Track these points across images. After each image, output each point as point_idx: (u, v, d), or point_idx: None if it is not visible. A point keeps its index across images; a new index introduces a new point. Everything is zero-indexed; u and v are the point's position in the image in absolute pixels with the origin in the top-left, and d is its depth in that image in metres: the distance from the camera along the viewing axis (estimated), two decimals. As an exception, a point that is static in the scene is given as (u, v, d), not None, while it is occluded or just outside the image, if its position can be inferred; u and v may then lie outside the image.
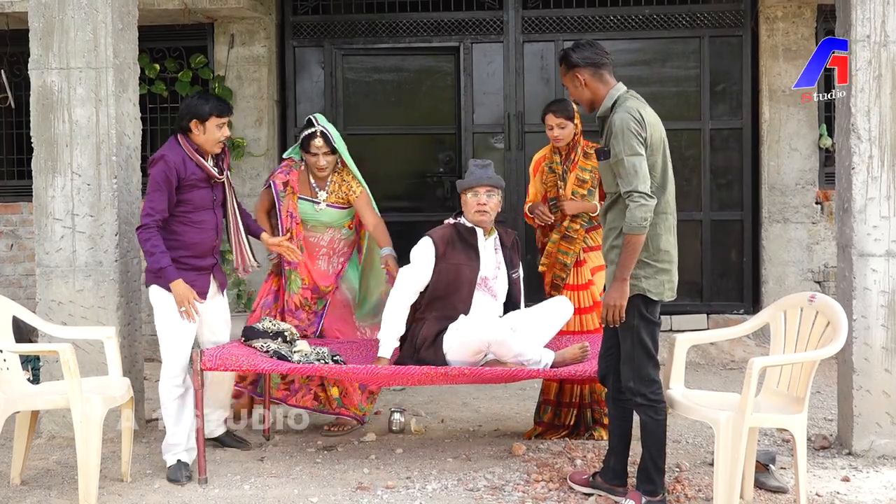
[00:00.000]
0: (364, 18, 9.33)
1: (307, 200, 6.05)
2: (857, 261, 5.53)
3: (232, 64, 9.14)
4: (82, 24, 5.89)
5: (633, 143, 4.37)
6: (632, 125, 4.38)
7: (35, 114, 5.99)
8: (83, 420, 4.84)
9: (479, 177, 5.53)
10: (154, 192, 5.20)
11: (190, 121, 5.29)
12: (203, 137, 5.32)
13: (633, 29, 9.16)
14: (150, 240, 5.16)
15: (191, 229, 5.33)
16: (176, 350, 5.30)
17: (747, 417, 4.40)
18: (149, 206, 5.20)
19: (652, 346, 4.50)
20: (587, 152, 6.03)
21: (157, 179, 5.20)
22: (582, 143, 6.07)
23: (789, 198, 8.88)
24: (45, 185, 5.96)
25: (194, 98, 5.40)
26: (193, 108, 5.31)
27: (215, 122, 5.31)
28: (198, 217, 5.36)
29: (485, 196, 5.49)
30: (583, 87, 4.63)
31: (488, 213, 5.50)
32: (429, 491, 5.05)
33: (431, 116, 9.51)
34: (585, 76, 4.61)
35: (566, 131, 5.99)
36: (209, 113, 5.29)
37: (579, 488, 4.94)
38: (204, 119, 5.28)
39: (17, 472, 5.27)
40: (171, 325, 5.29)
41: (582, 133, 6.12)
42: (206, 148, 5.35)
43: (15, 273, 9.37)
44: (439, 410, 6.83)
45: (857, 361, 5.51)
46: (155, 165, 5.22)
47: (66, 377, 4.83)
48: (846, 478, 5.18)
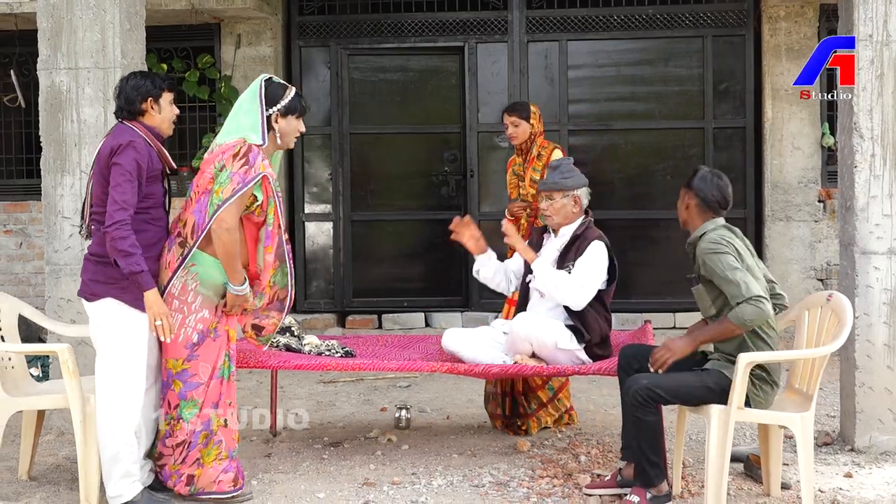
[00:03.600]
0: (369, 18, 9.39)
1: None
2: (859, 258, 5.55)
3: (238, 64, 9.19)
4: (90, 25, 5.93)
5: (729, 261, 4.50)
6: (720, 247, 4.52)
7: (44, 113, 6.04)
8: (83, 419, 4.84)
9: (542, 182, 5.67)
10: (125, 183, 4.49)
11: (143, 101, 4.68)
12: (159, 117, 4.74)
13: (636, 28, 9.21)
14: (128, 238, 4.45)
15: (152, 227, 4.69)
16: (135, 373, 4.63)
17: (733, 412, 4.45)
18: (121, 200, 4.47)
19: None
20: (540, 153, 6.24)
21: (128, 168, 4.51)
22: (539, 143, 6.29)
23: (792, 196, 8.93)
24: (53, 183, 6.00)
25: (135, 78, 4.77)
26: (142, 87, 4.69)
27: (168, 98, 4.77)
28: (157, 214, 4.73)
29: (545, 201, 5.56)
30: (684, 209, 4.81)
31: (549, 216, 5.55)
32: (434, 487, 5.08)
33: (436, 116, 9.57)
34: (692, 203, 4.75)
35: (520, 129, 6.25)
36: (161, 88, 4.75)
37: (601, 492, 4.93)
38: (157, 96, 4.72)
39: (26, 467, 5.30)
40: (131, 343, 4.62)
41: (541, 134, 6.32)
42: (163, 129, 4.78)
43: (24, 271, 9.44)
44: (445, 407, 6.86)
45: (859, 358, 5.53)
46: (123, 153, 4.53)
47: (65, 377, 4.83)
48: (849, 474, 5.20)
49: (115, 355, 4.63)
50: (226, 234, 4.57)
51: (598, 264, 5.39)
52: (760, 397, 4.59)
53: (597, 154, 9.34)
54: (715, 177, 4.78)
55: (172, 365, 4.73)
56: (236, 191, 4.55)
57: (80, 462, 4.85)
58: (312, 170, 9.49)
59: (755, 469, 5.12)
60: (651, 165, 9.26)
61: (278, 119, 4.83)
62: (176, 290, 4.68)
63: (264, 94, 4.81)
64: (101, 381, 4.66)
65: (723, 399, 4.50)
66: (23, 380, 5.27)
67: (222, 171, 4.62)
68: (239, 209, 4.63)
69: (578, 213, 5.55)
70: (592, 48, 9.40)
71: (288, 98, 4.86)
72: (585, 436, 5.98)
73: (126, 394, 4.63)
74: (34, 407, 5.19)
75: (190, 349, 4.72)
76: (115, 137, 4.64)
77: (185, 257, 4.66)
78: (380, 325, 9.24)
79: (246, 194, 4.62)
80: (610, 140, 9.43)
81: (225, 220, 4.56)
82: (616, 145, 9.44)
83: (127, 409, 4.63)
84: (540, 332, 5.32)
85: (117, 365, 4.62)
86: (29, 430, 5.28)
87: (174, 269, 4.67)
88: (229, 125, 4.82)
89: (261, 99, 4.79)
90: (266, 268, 4.79)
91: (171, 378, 4.74)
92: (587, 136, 9.34)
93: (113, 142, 4.61)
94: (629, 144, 9.42)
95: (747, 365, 4.43)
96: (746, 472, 5.22)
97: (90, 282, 4.67)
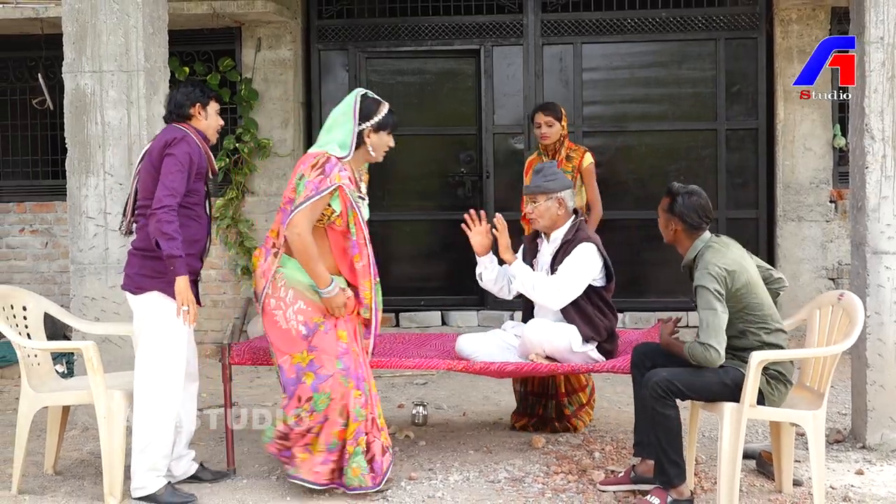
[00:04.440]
0: (387, 22, 9.47)
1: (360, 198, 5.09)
2: (870, 258, 5.60)
3: (259, 67, 9.28)
4: (114, 29, 6.02)
5: (707, 298, 4.55)
6: (709, 284, 4.56)
7: (69, 116, 6.14)
8: (107, 415, 4.93)
9: (526, 186, 5.70)
10: (177, 173, 4.73)
11: (191, 106, 4.96)
12: (206, 123, 5.01)
13: (649, 31, 9.26)
14: (174, 223, 4.65)
15: (195, 224, 4.90)
16: (177, 366, 4.85)
17: (746, 410, 4.50)
18: (171, 187, 4.71)
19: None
20: (569, 156, 6.36)
21: (181, 160, 4.76)
22: (567, 145, 6.41)
23: (804, 196, 8.97)
24: (78, 184, 6.11)
25: (185, 86, 5.06)
26: (192, 94, 4.98)
27: (214, 107, 5.05)
28: (199, 211, 4.95)
29: (530, 205, 5.61)
30: (671, 233, 4.86)
31: (535, 219, 5.59)
32: (451, 482, 5.14)
33: (453, 117, 9.64)
34: (678, 228, 4.80)
35: (553, 130, 6.37)
36: (209, 97, 5.03)
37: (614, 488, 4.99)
38: (205, 103, 5.00)
39: (51, 462, 5.40)
40: (174, 337, 4.83)
41: (567, 136, 6.44)
42: (209, 134, 5.03)
43: (50, 270, 9.55)
44: (461, 404, 6.94)
45: (870, 357, 5.58)
46: (177, 145, 4.78)
47: (90, 374, 4.93)
48: (860, 471, 5.24)
49: (158, 348, 4.81)
50: (297, 238, 4.73)
51: (582, 266, 5.41)
52: (774, 395, 4.65)
53: (611, 155, 9.40)
54: (693, 196, 4.78)
55: (299, 359, 4.86)
56: (309, 197, 4.73)
57: (105, 456, 4.94)
58: (330, 171, 9.56)
59: (767, 466, 5.17)
60: (664, 166, 9.31)
61: (370, 134, 4.97)
62: (270, 289, 4.85)
63: (359, 108, 4.93)
64: (142, 374, 4.82)
65: (738, 395, 4.56)
66: (48, 376, 5.35)
67: (301, 179, 4.80)
68: (312, 215, 4.77)
69: (565, 216, 5.57)
70: (606, 51, 9.46)
71: (381, 114, 4.99)
72: (599, 432, 6.04)
73: (166, 386, 4.81)
74: (59, 403, 5.28)
75: (305, 341, 4.84)
76: (168, 132, 4.88)
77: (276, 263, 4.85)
78: (397, 323, 9.31)
79: (320, 202, 4.76)
80: (624, 141, 9.49)
81: (295, 224, 4.73)
82: (630, 146, 9.50)
83: (166, 401, 4.82)
84: (553, 337, 5.37)
85: (159, 357, 4.81)
86: (54, 425, 5.38)
87: (268, 277, 4.86)
88: (322, 138, 4.98)
89: (355, 114, 4.92)
90: (360, 276, 4.92)
91: (302, 372, 4.84)
92: (601, 137, 9.39)
93: (167, 136, 4.84)
94: (643, 146, 9.48)
95: (759, 363, 4.49)
96: (759, 469, 5.26)
97: (136, 275, 4.85)
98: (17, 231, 9.61)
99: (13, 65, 9.72)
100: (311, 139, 9.47)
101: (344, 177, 4.83)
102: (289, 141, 9.28)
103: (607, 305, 5.53)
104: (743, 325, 4.65)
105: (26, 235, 9.60)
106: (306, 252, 4.75)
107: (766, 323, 4.66)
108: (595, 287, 5.47)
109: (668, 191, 4.86)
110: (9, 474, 5.24)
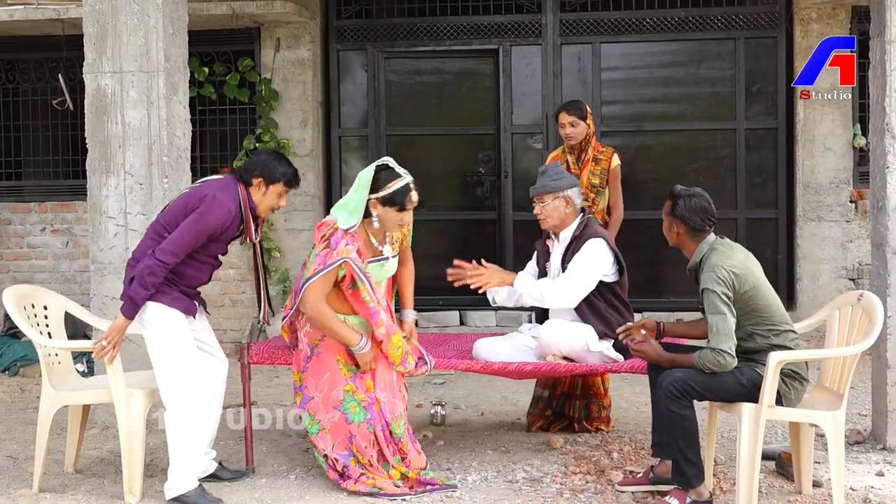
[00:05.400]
0: (405, 22, 9.49)
1: (375, 262, 5.04)
2: (891, 258, 5.56)
3: (278, 67, 9.33)
4: (134, 30, 6.03)
5: (714, 302, 4.54)
6: (715, 287, 4.54)
7: (89, 116, 6.15)
8: (126, 414, 4.95)
9: (532, 187, 5.66)
10: (191, 235, 4.72)
11: (256, 177, 4.84)
12: (261, 198, 4.87)
13: (669, 31, 9.25)
14: (158, 278, 4.68)
15: (191, 268, 4.86)
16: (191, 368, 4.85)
17: (765, 410, 4.49)
18: (176, 247, 4.71)
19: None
20: (597, 157, 6.29)
21: (203, 229, 4.73)
22: (594, 144, 6.33)
23: (823, 196, 8.94)
24: (98, 184, 6.12)
25: (270, 155, 4.96)
26: (265, 166, 4.85)
27: (279, 190, 4.88)
28: (204, 259, 4.90)
29: (538, 206, 5.59)
30: (675, 236, 4.84)
31: (544, 219, 5.56)
32: (469, 482, 5.14)
33: (471, 117, 9.66)
34: (681, 231, 4.78)
35: (578, 129, 6.25)
36: (278, 178, 4.85)
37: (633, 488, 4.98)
38: (270, 182, 4.84)
39: (72, 461, 5.43)
40: (177, 341, 4.82)
41: (594, 135, 6.36)
42: (260, 209, 4.91)
43: (70, 269, 9.62)
44: (479, 404, 6.94)
45: (891, 357, 5.55)
46: (213, 212, 4.72)
47: (109, 373, 4.92)
48: (880, 472, 5.22)
49: (167, 352, 4.82)
50: (311, 311, 4.88)
51: (590, 262, 5.38)
52: (791, 395, 4.63)
53: (630, 155, 9.36)
54: (695, 198, 4.75)
55: (296, 377, 5.06)
56: (318, 272, 4.82)
57: (124, 455, 4.95)
58: (350, 171, 9.57)
59: (787, 467, 5.15)
60: (683, 166, 9.30)
61: (377, 205, 4.93)
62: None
63: (372, 178, 4.92)
64: (162, 382, 4.85)
65: (754, 396, 4.55)
66: (69, 375, 5.38)
67: (313, 248, 4.92)
68: (323, 287, 4.86)
69: (574, 214, 5.55)
70: (625, 50, 9.46)
71: (391, 189, 4.92)
72: (618, 433, 6.03)
73: (186, 389, 4.82)
74: (80, 402, 5.30)
75: (305, 361, 5.02)
76: (220, 189, 4.80)
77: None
78: (415, 323, 9.31)
79: (328, 276, 4.84)
80: (643, 141, 9.49)
81: (307, 299, 4.86)
82: (649, 146, 9.49)
83: (189, 403, 4.83)
84: (569, 337, 5.34)
85: (171, 364, 4.82)
86: (75, 424, 5.40)
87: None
88: (346, 197, 4.99)
89: (367, 183, 4.93)
90: (383, 340, 4.97)
91: (296, 390, 5.07)
92: (620, 137, 9.38)
93: (216, 192, 4.76)
94: (662, 145, 9.47)
95: (778, 364, 4.48)
96: (778, 470, 5.25)
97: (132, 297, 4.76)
98: (38, 231, 9.68)
99: (34, 65, 9.80)
100: (329, 139, 9.52)
101: (351, 250, 4.85)
102: (308, 141, 9.31)
103: (621, 302, 5.52)
104: (751, 328, 4.63)
105: (47, 235, 9.66)
106: (324, 323, 4.87)
107: (774, 325, 4.65)
108: (607, 283, 5.46)
109: (670, 193, 4.84)
110: (30, 472, 5.27)
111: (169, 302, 4.79)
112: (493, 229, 9.61)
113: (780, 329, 4.65)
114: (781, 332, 4.65)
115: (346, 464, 4.93)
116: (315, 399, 4.96)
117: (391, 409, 4.96)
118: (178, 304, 4.83)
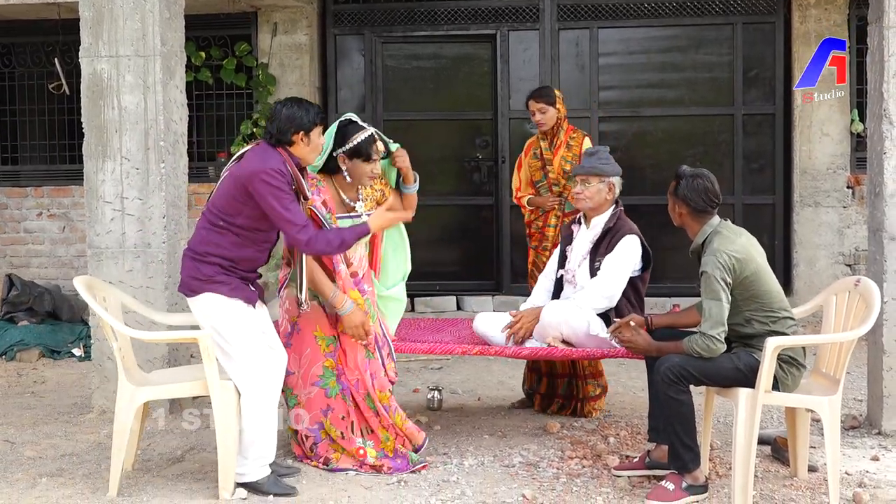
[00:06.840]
0: (403, 7, 9.48)
1: (345, 217, 5.09)
2: (887, 244, 5.56)
3: (275, 52, 9.31)
4: (131, 14, 6.01)
5: (712, 286, 4.53)
6: (715, 271, 4.53)
7: (85, 100, 6.13)
8: (222, 407, 4.73)
9: (579, 166, 5.66)
10: (291, 204, 4.58)
11: (294, 133, 4.67)
12: (306, 150, 4.73)
13: (667, 16, 9.25)
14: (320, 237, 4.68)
15: (248, 249, 4.75)
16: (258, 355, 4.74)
17: (761, 395, 4.49)
18: (297, 218, 4.59)
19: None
20: (569, 143, 6.31)
21: (285, 189, 4.57)
22: (566, 129, 6.36)
23: (821, 182, 8.95)
24: (95, 169, 6.11)
25: (291, 107, 4.72)
26: (296, 119, 4.67)
27: (318, 131, 4.74)
28: (263, 238, 4.78)
29: (580, 185, 5.58)
30: (678, 217, 4.84)
31: (583, 199, 5.55)
32: (466, 467, 5.15)
33: (469, 102, 9.66)
34: (684, 212, 4.78)
35: (548, 115, 6.30)
36: (312, 122, 4.70)
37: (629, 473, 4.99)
38: (309, 130, 4.69)
39: (130, 460, 5.09)
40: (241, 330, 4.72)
41: (566, 118, 6.37)
42: (308, 160, 4.79)
43: (67, 254, 9.62)
44: (476, 389, 6.95)
45: (887, 343, 5.55)
46: (272, 177, 4.55)
47: (206, 364, 4.71)
48: (875, 457, 5.23)
49: (237, 342, 4.71)
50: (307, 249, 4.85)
51: (626, 261, 5.40)
52: (788, 380, 4.64)
53: (627, 140, 9.40)
54: (698, 178, 4.74)
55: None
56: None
57: (220, 449, 4.72)
58: (346, 156, 9.58)
59: (782, 452, 5.16)
60: (681, 151, 9.30)
61: (345, 160, 5.03)
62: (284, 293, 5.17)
63: (335, 133, 5.04)
64: (233, 372, 4.75)
65: (751, 381, 4.55)
66: (134, 369, 5.07)
67: None
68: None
69: (610, 202, 5.56)
70: (623, 35, 9.45)
71: (356, 141, 5.00)
72: (614, 418, 6.05)
73: (257, 376, 4.73)
74: (167, 396, 5.17)
75: (286, 337, 5.09)
76: (263, 161, 4.61)
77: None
78: (412, 308, 9.34)
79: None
80: (640, 126, 9.48)
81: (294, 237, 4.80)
82: (646, 132, 9.49)
83: (263, 391, 4.75)
84: (571, 319, 5.33)
85: (238, 353, 4.71)
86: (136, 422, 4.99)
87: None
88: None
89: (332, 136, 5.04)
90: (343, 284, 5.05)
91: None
92: (618, 122, 9.39)
93: (267, 166, 4.58)
94: (659, 131, 9.47)
95: (775, 349, 4.48)
96: (774, 455, 5.26)
97: (189, 279, 4.74)
98: (35, 215, 9.68)
99: (30, 50, 9.79)
100: (326, 124, 9.47)
101: (317, 200, 4.90)
102: (305, 126, 9.29)
103: (638, 295, 5.53)
104: (749, 314, 4.63)
105: (44, 220, 9.66)
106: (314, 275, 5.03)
107: (773, 311, 4.65)
108: (630, 277, 5.47)
109: (675, 174, 4.85)
110: (27, 457, 5.25)
111: (228, 292, 4.69)
112: (490, 214, 9.61)
113: (778, 316, 4.66)
114: (780, 319, 4.66)
115: (315, 440, 5.07)
116: (295, 374, 5.07)
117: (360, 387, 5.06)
118: (238, 293, 4.71)
